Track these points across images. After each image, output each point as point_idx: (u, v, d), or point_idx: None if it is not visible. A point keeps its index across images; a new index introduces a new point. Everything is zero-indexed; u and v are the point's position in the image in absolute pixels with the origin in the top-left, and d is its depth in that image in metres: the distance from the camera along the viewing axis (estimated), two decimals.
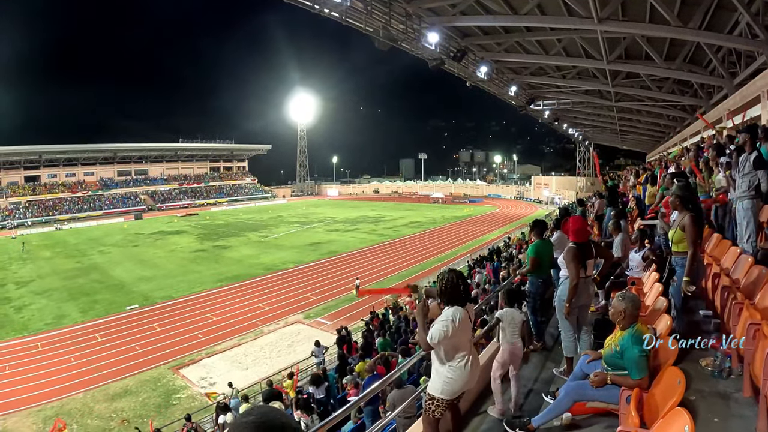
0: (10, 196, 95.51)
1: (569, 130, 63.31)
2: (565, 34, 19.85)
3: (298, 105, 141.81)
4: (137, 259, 51.94)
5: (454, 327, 4.50)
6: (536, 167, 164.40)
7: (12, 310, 34.75)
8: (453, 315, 4.55)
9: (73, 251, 59.39)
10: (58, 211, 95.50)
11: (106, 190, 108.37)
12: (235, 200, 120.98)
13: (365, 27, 21.55)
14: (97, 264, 50.13)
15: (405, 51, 25.03)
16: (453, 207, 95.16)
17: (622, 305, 4.58)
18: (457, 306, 4.65)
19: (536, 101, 36.42)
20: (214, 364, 24.56)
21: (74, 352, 26.44)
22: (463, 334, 4.65)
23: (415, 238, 57.53)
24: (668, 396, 3.80)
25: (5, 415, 20.20)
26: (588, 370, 5.11)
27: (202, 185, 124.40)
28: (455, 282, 4.71)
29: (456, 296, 4.70)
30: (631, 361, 4.39)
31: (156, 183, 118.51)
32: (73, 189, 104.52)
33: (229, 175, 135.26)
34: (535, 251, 8.37)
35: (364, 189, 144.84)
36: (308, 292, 35.51)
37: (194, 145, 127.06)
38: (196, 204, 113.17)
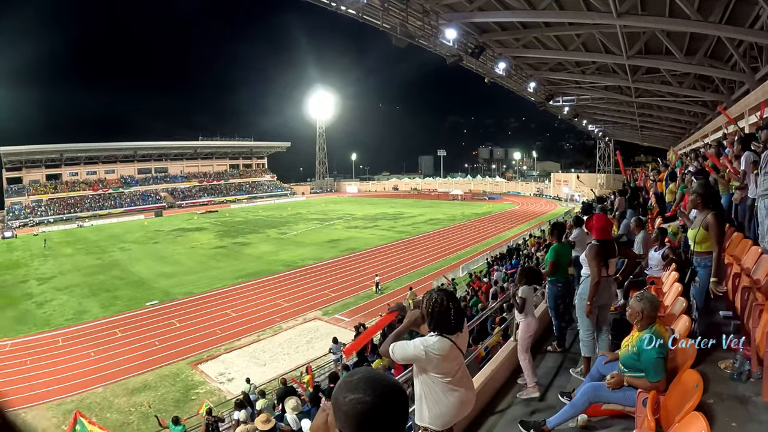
0: (32, 194, 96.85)
1: (589, 127, 62.89)
2: (584, 29, 19.60)
3: (317, 102, 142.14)
4: (157, 255, 52.33)
5: (426, 356, 3.80)
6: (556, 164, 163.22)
7: (34, 306, 35.18)
8: (431, 347, 3.81)
9: (94, 248, 59.97)
10: (80, 209, 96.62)
11: (126, 188, 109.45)
12: (254, 197, 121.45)
13: (382, 24, 21.52)
14: (118, 260, 50.58)
15: (423, 48, 24.97)
16: (472, 204, 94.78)
17: (639, 306, 4.49)
18: (442, 336, 3.87)
19: (556, 97, 36.12)
20: (233, 359, 24.67)
21: (94, 347, 26.69)
22: (448, 363, 3.91)
23: (434, 236, 57.39)
24: (685, 399, 3.73)
25: (26, 409, 20.37)
26: (605, 371, 5.05)
27: (221, 182, 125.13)
28: (446, 306, 3.89)
29: (443, 322, 3.90)
30: (648, 363, 4.32)
31: (176, 180, 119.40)
32: (94, 187, 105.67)
33: (249, 173, 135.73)
34: (555, 255, 8.25)
35: (384, 186, 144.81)
36: (327, 289, 35.55)
37: (214, 143, 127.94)
38: (215, 201, 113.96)
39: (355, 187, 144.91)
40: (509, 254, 32.24)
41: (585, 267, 6.63)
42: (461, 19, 21.41)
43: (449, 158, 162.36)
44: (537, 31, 21.54)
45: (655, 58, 21.16)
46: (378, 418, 1.55)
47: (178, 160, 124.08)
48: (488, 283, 24.76)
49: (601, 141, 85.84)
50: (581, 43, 21.71)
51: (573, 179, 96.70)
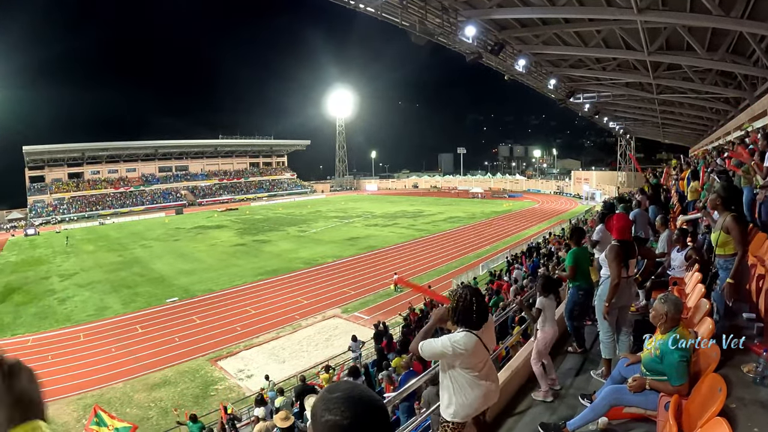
0: (54, 192, 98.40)
1: (610, 124, 62.33)
2: (604, 24, 19.39)
3: (337, 100, 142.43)
4: (178, 252, 52.76)
5: (454, 351, 4.04)
6: (576, 161, 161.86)
7: (56, 302, 35.60)
8: (458, 342, 4.05)
9: (116, 245, 60.60)
10: (101, 207, 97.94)
11: (147, 186, 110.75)
12: (274, 195, 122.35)
13: (401, 21, 21.44)
14: (139, 257, 51.06)
15: (442, 45, 24.86)
16: (492, 202, 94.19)
17: (663, 308, 4.42)
18: (467, 332, 4.10)
19: (576, 94, 35.78)
20: (252, 356, 24.75)
21: (115, 343, 26.96)
22: (474, 358, 4.15)
23: (453, 234, 57.13)
24: (708, 404, 3.67)
25: (47, 403, 20.46)
26: (626, 373, 4.98)
27: (241, 180, 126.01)
28: (469, 301, 4.13)
29: (467, 318, 4.14)
30: (670, 367, 4.26)
31: (196, 178, 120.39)
32: (116, 185, 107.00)
33: (269, 171, 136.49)
34: (573, 259, 8.14)
35: (404, 184, 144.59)
36: (346, 287, 35.58)
37: (234, 141, 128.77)
38: (236, 199, 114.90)
39: (375, 185, 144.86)
40: (529, 253, 32.04)
41: (605, 267, 6.56)
42: (480, 15, 21.26)
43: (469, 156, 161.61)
44: (557, 28, 21.34)
45: (677, 54, 20.90)
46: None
47: (198, 159, 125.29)
48: (508, 281, 24.63)
49: (622, 138, 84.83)
50: (602, 39, 21.47)
51: (593, 177, 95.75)
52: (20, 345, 27.51)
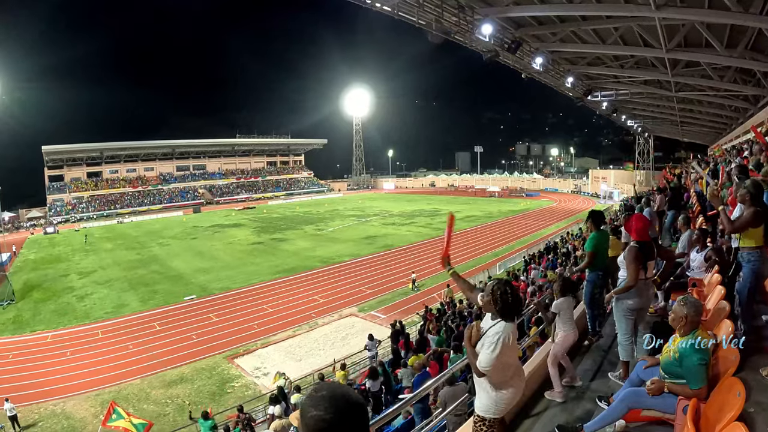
0: (73, 191, 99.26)
1: (628, 122, 61.76)
2: (622, 22, 19.19)
3: (354, 99, 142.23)
4: (196, 251, 53.11)
5: (504, 346, 4.17)
6: (594, 160, 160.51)
7: (75, 299, 36.00)
8: (503, 334, 4.18)
9: (134, 243, 61.08)
10: (120, 205, 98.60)
11: (165, 185, 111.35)
12: (291, 194, 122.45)
13: (417, 20, 21.44)
14: (157, 256, 51.46)
15: (459, 43, 24.79)
16: (509, 201, 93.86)
17: (683, 311, 4.35)
18: (507, 323, 4.25)
19: (594, 92, 35.49)
20: (269, 354, 24.87)
21: (133, 340, 27.25)
22: (512, 351, 4.34)
23: (471, 233, 56.94)
24: (727, 408, 3.62)
25: (65, 398, 21.00)
26: (645, 376, 4.92)
27: (259, 179, 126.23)
28: (512, 294, 4.27)
29: (510, 310, 4.28)
30: (689, 370, 4.20)
31: (214, 177, 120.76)
32: (134, 184, 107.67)
33: (286, 170, 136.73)
34: (593, 245, 8.09)
35: (421, 182, 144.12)
36: (363, 286, 35.65)
37: (251, 140, 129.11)
38: (253, 198, 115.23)
39: (392, 184, 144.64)
40: (547, 252, 31.88)
41: (623, 269, 6.49)
42: (497, 13, 21.14)
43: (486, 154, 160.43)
44: (574, 25, 21.17)
45: (695, 51, 20.63)
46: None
47: (216, 158, 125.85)
48: (525, 281, 24.51)
49: (640, 137, 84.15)
50: (619, 36, 21.28)
51: (611, 176, 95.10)
52: (39, 341, 28.01)
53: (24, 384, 22.44)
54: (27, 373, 23.71)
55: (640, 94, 33.93)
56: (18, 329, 30.37)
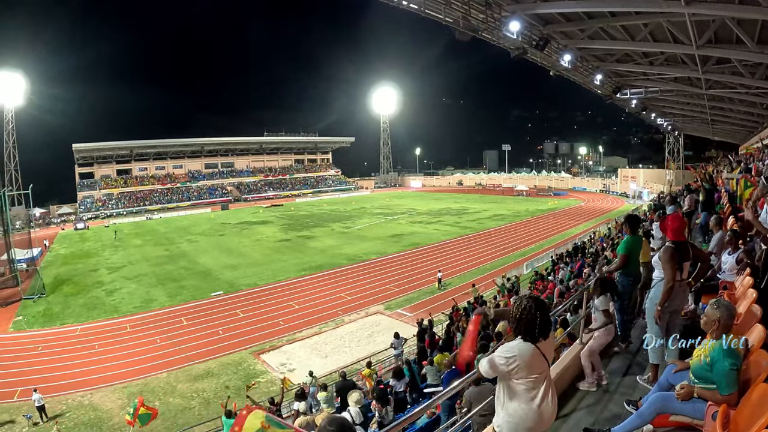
0: (103, 188, 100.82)
1: (657, 120, 60.80)
2: (651, 18, 18.80)
3: (381, 97, 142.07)
4: (223, 247, 53.52)
5: (508, 364, 3.78)
6: (623, 159, 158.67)
7: (104, 294, 36.55)
8: (516, 354, 3.79)
9: (163, 239, 61.87)
10: (149, 202, 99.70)
11: (194, 182, 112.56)
12: (319, 191, 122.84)
13: (445, 18, 21.36)
14: (185, 252, 52.00)
15: (486, 41, 24.60)
16: (537, 200, 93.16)
17: (716, 314, 4.25)
18: (526, 342, 3.85)
19: (623, 90, 34.97)
20: (294, 350, 24.95)
21: (160, 334, 27.58)
22: (532, 371, 3.83)
23: (498, 231, 56.69)
24: (757, 415, 3.52)
25: (92, 390, 21.31)
26: (674, 380, 4.81)
27: (286, 177, 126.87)
28: (532, 314, 3.86)
29: (529, 330, 3.87)
30: (720, 375, 4.08)
31: (242, 175, 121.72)
32: (163, 181, 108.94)
33: (314, 167, 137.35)
34: (626, 248, 7.90)
35: (448, 181, 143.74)
36: (390, 284, 35.61)
37: (279, 139, 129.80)
38: (281, 195, 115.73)
39: (419, 182, 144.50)
40: (575, 252, 31.46)
41: (658, 269, 6.34)
42: (524, 10, 20.92)
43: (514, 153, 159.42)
44: (602, 21, 20.82)
45: (726, 48, 20.15)
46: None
47: (244, 155, 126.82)
48: (553, 281, 24.16)
49: (670, 135, 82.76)
50: (648, 32, 20.86)
51: (641, 175, 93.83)
52: (69, 334, 28.46)
53: (52, 375, 22.79)
54: (55, 365, 24.09)
55: (669, 91, 33.30)
56: (48, 322, 30.87)
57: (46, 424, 18.79)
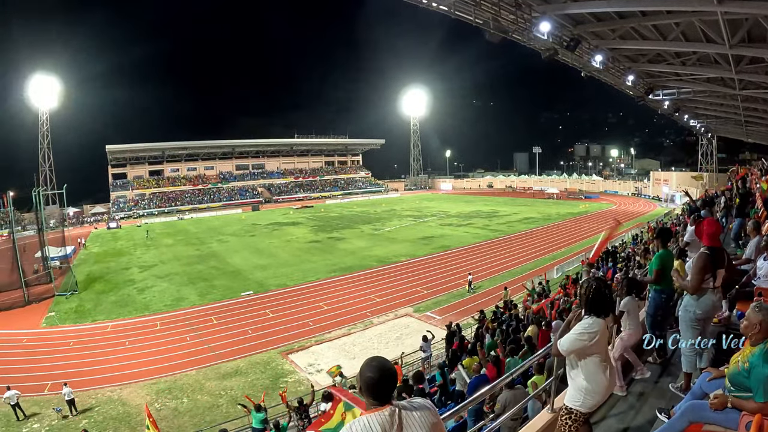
0: (135, 189, 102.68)
1: (690, 122, 59.71)
2: (683, 17, 18.41)
3: (411, 99, 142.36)
4: (254, 248, 53.91)
5: (591, 339, 4.28)
6: (655, 162, 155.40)
7: (135, 291, 37.08)
8: (590, 327, 4.31)
9: (194, 239, 62.63)
10: (180, 203, 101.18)
11: (225, 183, 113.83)
12: (349, 193, 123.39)
13: (475, 19, 21.22)
14: (216, 252, 52.48)
15: (517, 42, 24.39)
16: (568, 203, 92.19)
17: (758, 317, 4.07)
18: (596, 318, 4.37)
19: (655, 91, 34.35)
20: (323, 351, 24.91)
21: (190, 333, 27.83)
22: (602, 346, 4.41)
23: (529, 235, 56.20)
24: None
25: (121, 386, 21.57)
26: (708, 389, 4.64)
27: (317, 179, 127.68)
28: (601, 291, 4.40)
29: (599, 306, 4.40)
30: (758, 381, 3.90)
31: (272, 176, 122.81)
32: (194, 182, 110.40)
33: (344, 169, 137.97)
34: (659, 262, 7.64)
35: (479, 183, 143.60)
36: (419, 286, 35.41)
37: (309, 141, 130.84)
38: (311, 197, 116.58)
39: (450, 185, 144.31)
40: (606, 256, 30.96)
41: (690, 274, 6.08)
42: (554, 10, 20.67)
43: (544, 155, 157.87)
44: (633, 21, 20.47)
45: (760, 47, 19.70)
46: (377, 385, 2.71)
47: (274, 157, 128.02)
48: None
49: (703, 137, 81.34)
50: (680, 32, 20.43)
51: (673, 178, 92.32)
52: (100, 330, 28.92)
53: (83, 370, 23.16)
54: (86, 360, 24.45)
55: (702, 92, 32.66)
56: (80, 318, 31.38)
57: (76, 417, 19.05)
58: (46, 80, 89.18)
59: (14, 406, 18.98)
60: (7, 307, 33.69)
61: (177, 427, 18.04)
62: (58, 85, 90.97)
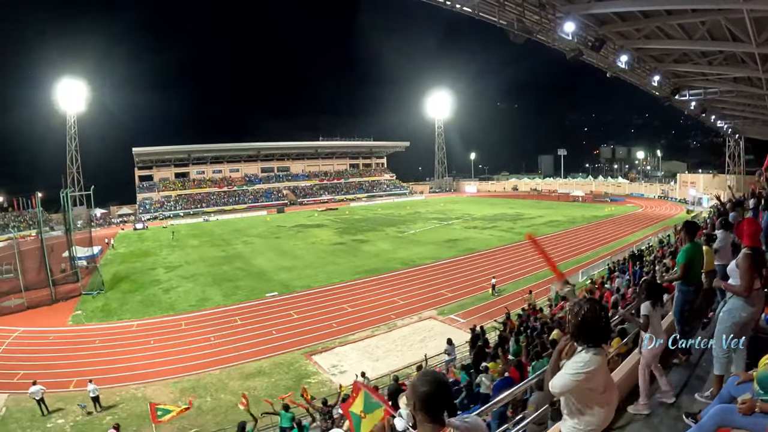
0: (162, 191, 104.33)
1: (717, 123, 58.61)
2: (708, 15, 18.13)
3: (435, 102, 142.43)
4: (278, 249, 54.22)
5: (588, 378, 3.67)
6: (682, 164, 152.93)
7: (161, 291, 37.52)
8: (586, 364, 3.67)
9: (219, 241, 63.15)
10: (206, 204, 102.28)
11: (250, 186, 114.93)
12: (373, 196, 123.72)
13: (498, 20, 21.14)
14: (241, 253, 52.85)
15: (541, 43, 24.22)
16: (593, 206, 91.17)
17: None
18: (593, 349, 3.72)
19: (681, 91, 33.86)
20: (346, 353, 24.92)
21: (214, 332, 28.03)
22: (601, 379, 3.82)
23: (553, 238, 55.59)
24: None
25: (146, 384, 21.83)
26: (736, 393, 4.54)
27: (341, 181, 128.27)
28: (595, 314, 3.69)
29: (592, 333, 3.74)
30: None
31: (297, 179, 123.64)
32: (220, 184, 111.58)
33: (368, 172, 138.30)
34: (687, 256, 7.56)
35: (503, 186, 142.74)
36: (443, 289, 35.23)
37: (334, 143, 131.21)
38: (335, 199, 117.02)
39: (474, 187, 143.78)
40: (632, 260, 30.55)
41: (734, 277, 5.93)
42: (579, 11, 20.51)
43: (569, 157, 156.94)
44: (659, 20, 20.22)
45: None
46: (433, 400, 2.56)
47: (299, 160, 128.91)
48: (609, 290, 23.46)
49: (730, 138, 79.80)
50: (706, 31, 20.13)
51: (700, 180, 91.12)
52: (125, 329, 29.34)
53: (108, 368, 23.41)
54: (111, 358, 24.75)
55: (729, 92, 32.14)
56: (106, 317, 31.83)
57: (100, 414, 19.34)
58: (73, 84, 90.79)
59: (39, 401, 19.32)
60: (35, 305, 34.22)
61: (200, 425, 18.18)
62: (85, 88, 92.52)
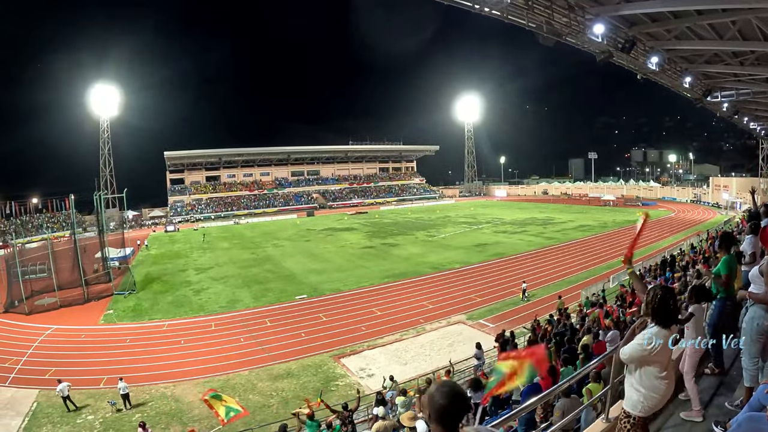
0: (193, 194, 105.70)
1: (750, 124, 57.34)
2: (739, 14, 17.80)
3: (465, 105, 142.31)
4: (308, 252, 54.49)
5: (653, 349, 4.22)
6: (714, 167, 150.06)
7: (191, 293, 37.99)
8: (652, 338, 4.23)
9: (249, 243, 63.71)
10: (236, 207, 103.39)
11: (280, 189, 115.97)
12: (403, 200, 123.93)
13: (527, 23, 21.01)
14: (271, 256, 53.31)
15: (570, 45, 24.00)
16: (624, 210, 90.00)
17: None
18: (660, 327, 4.25)
19: (713, 92, 33.24)
20: (375, 356, 24.92)
21: (244, 334, 28.33)
22: (663, 356, 4.33)
23: (584, 243, 55.08)
24: None
25: (175, 383, 22.16)
26: (766, 401, 4.38)
27: (371, 185, 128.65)
28: (666, 299, 4.27)
29: (664, 315, 4.27)
30: None
31: (327, 183, 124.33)
32: (250, 188, 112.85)
33: (398, 176, 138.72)
34: (728, 267, 7.34)
35: (534, 190, 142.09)
36: (473, 293, 35.06)
37: (363, 147, 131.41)
38: (365, 203, 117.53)
39: (504, 191, 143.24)
40: (663, 265, 30.08)
41: (756, 284, 5.91)
42: (608, 12, 20.29)
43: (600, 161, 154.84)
44: (689, 21, 19.92)
45: None
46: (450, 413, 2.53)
47: (329, 164, 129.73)
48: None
49: (764, 141, 78.18)
50: (737, 30, 19.80)
51: (733, 184, 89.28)
52: (156, 329, 29.82)
53: (138, 366, 23.84)
54: (142, 357, 25.20)
55: (762, 93, 31.54)
56: (137, 317, 32.40)
57: (129, 411, 19.66)
58: (106, 89, 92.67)
59: (65, 398, 19.68)
60: (68, 304, 35.00)
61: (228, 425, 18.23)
62: (118, 93, 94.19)
